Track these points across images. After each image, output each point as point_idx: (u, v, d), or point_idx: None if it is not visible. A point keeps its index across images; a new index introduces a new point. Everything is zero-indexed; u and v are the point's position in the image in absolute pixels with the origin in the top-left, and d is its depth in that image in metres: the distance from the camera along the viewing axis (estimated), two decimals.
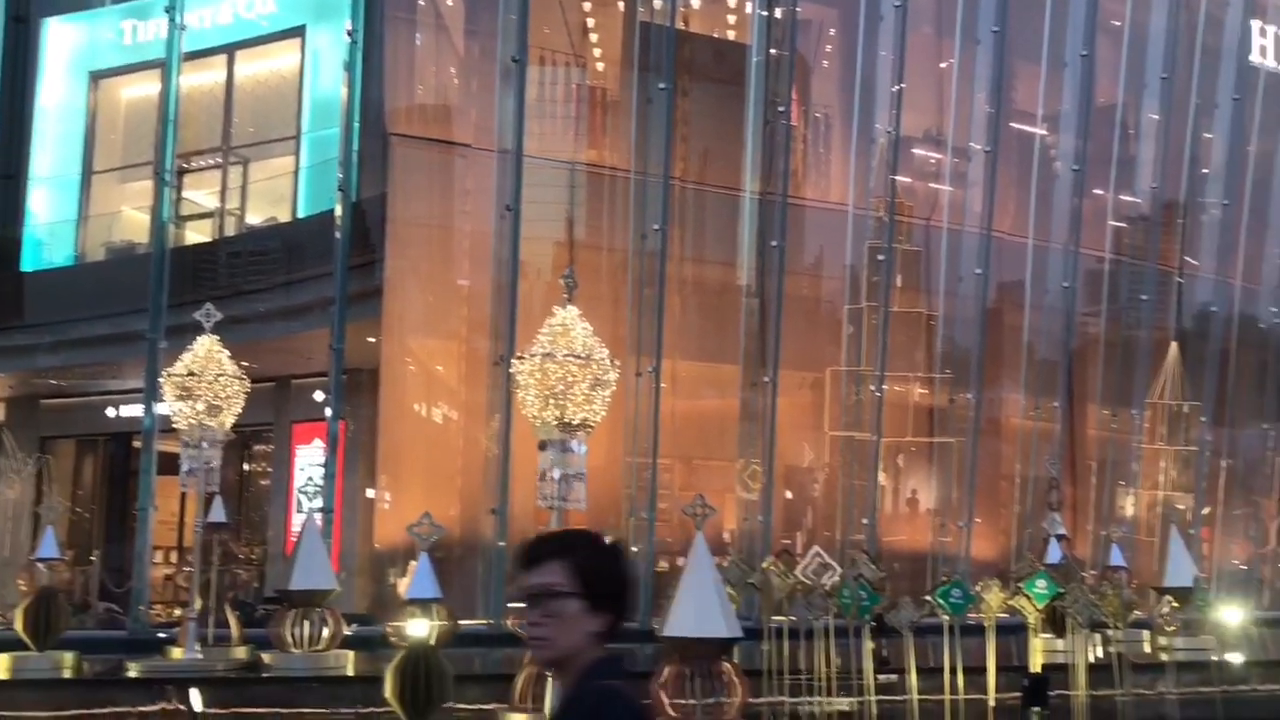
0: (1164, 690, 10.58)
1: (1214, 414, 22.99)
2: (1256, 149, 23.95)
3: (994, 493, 21.30)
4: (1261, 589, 23.90)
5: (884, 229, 19.05)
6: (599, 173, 18.59)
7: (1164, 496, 22.32)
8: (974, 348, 19.79)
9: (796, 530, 19.87)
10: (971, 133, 20.15)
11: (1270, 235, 24.29)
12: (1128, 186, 22.54)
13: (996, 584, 10.58)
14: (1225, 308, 23.43)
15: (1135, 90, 22.22)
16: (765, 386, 17.71)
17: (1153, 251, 22.23)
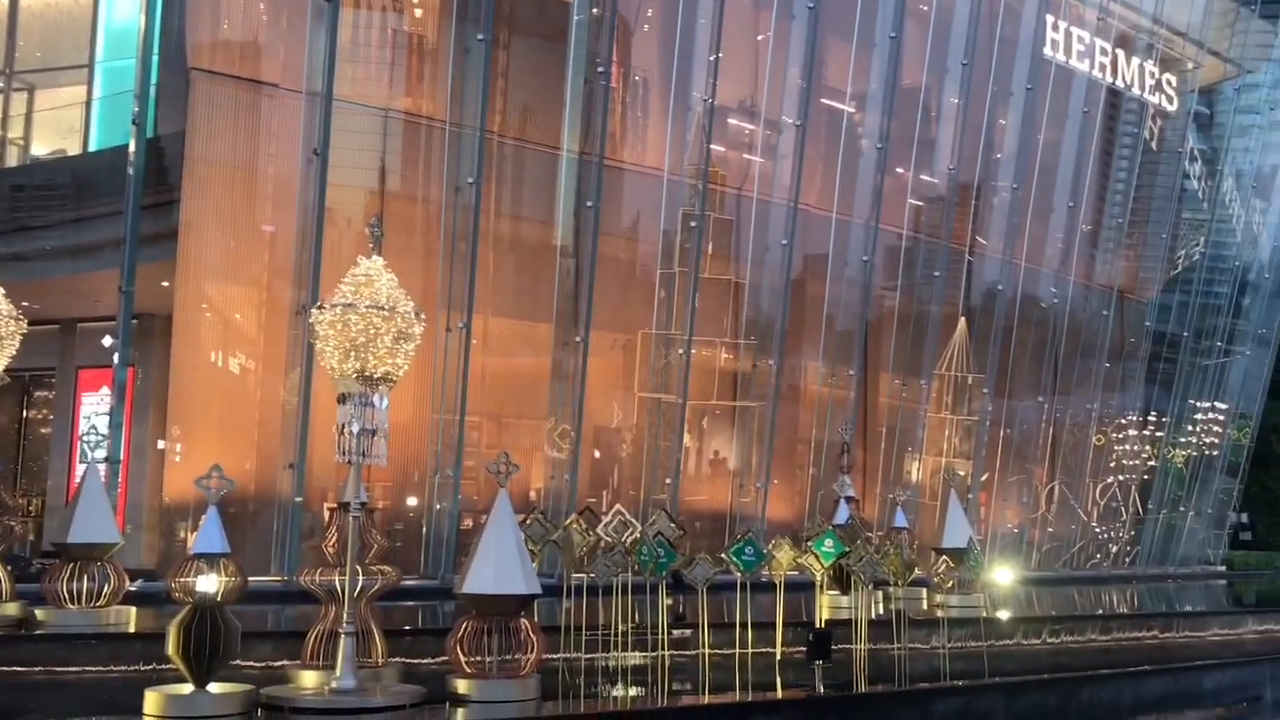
0: (938, 644, 11.22)
1: (995, 386, 24.48)
2: (1045, 137, 25.45)
3: (791, 456, 22.09)
4: (1031, 551, 25.71)
5: (698, 196, 19.34)
6: (414, 121, 18.14)
7: (947, 463, 23.65)
8: (777, 316, 20.38)
9: (603, 489, 20.11)
10: (784, 106, 20.63)
11: (1054, 220, 25.92)
12: (927, 167, 23.57)
13: (787, 542, 10.99)
14: (1010, 287, 24.86)
15: (938, 74, 23.20)
16: (577, 346, 17.77)
17: (947, 230, 23.34)
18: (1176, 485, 29.74)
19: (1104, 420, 27.91)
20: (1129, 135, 27.91)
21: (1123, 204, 27.93)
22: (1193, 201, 31.13)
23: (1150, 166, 28.79)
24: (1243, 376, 31.48)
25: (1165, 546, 29.23)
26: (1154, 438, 29.36)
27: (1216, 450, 30.85)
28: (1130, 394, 28.73)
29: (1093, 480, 27.52)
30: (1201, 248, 30.42)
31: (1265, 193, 32.26)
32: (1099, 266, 27.54)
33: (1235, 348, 30.77)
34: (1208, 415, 30.52)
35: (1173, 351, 29.18)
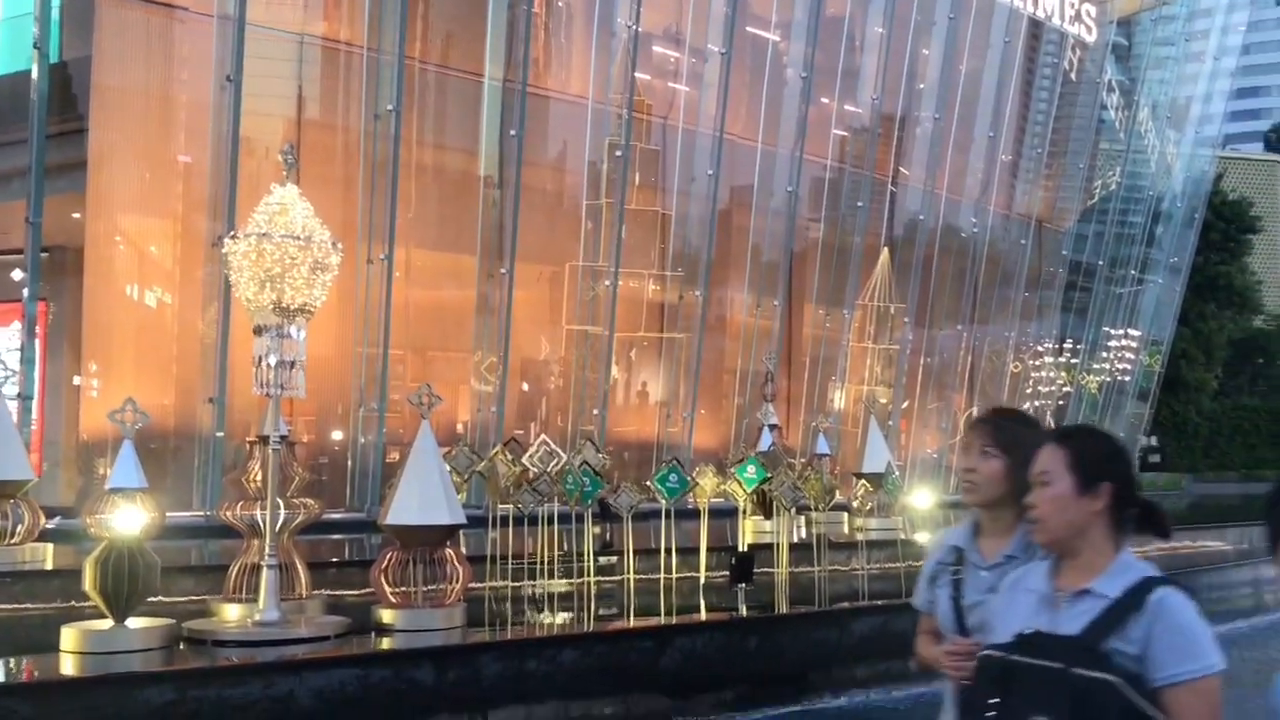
0: (857, 566, 11.52)
1: (916, 316, 24.86)
2: (966, 67, 25.61)
3: (718, 386, 22.31)
4: (950, 475, 26.35)
5: (623, 125, 19.20)
6: (332, 47, 17.68)
7: (869, 391, 24.06)
8: (704, 247, 20.43)
9: (531, 421, 20.15)
10: (709, 34, 20.47)
11: (974, 150, 26.20)
12: (851, 97, 23.63)
13: (711, 469, 11.16)
14: (931, 217, 25.16)
15: (862, 3, 23.17)
16: (502, 278, 17.66)
17: (870, 161, 23.50)
18: (1090, 410, 30.63)
19: (1021, 348, 28.58)
20: (1049, 66, 28.22)
21: (1042, 134, 28.34)
22: (1110, 132, 31.67)
23: (1069, 97, 29.18)
24: (1155, 304, 32.39)
25: None
26: (1069, 364, 30.15)
27: (1129, 376, 31.81)
28: (1047, 322, 29.41)
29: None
30: (1118, 178, 31.02)
31: (1179, 124, 32.95)
32: (1018, 196, 27.97)
33: (1148, 276, 31.61)
34: (1121, 342, 31.40)
35: (1088, 280, 29.88)
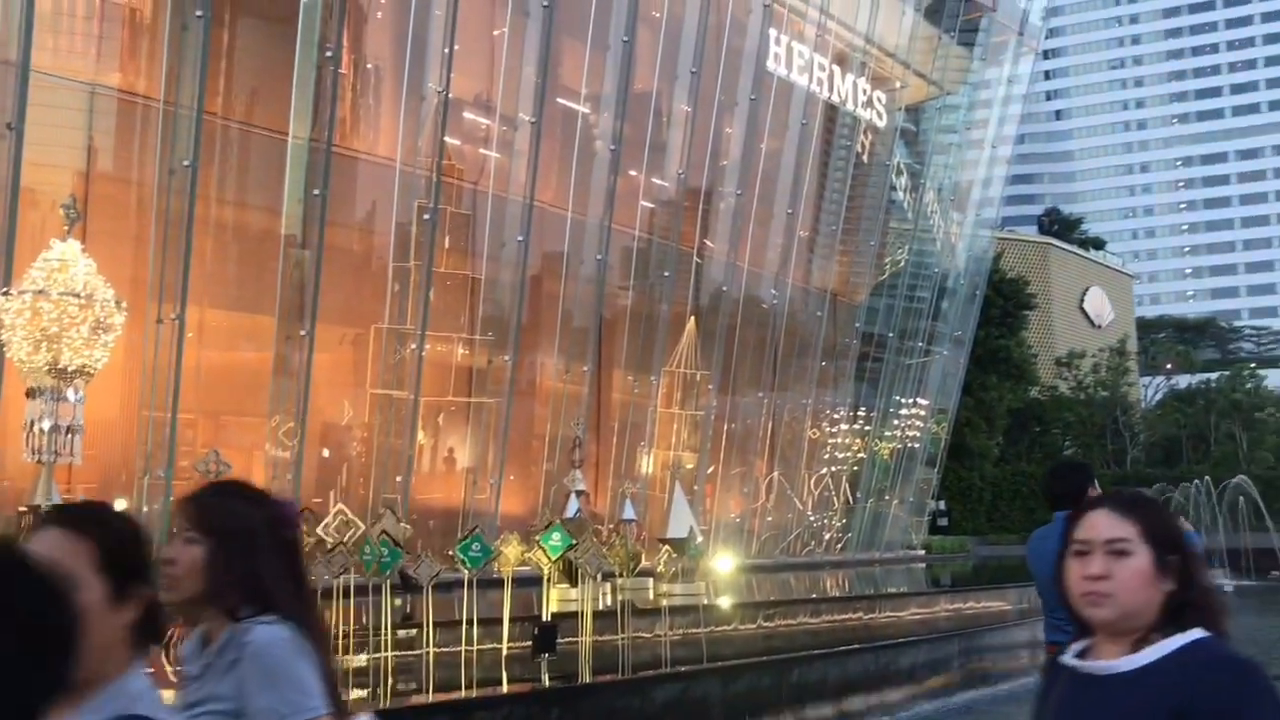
0: (660, 633, 11.57)
1: (720, 383, 25.49)
2: (767, 146, 26.73)
3: (526, 451, 22.22)
4: (752, 539, 26.94)
5: (433, 188, 19.11)
6: (126, 99, 17.00)
7: (675, 456, 24.47)
8: (514, 312, 20.44)
9: (330, 489, 19.50)
10: (519, 102, 20.70)
11: (774, 225, 27.27)
12: (659, 170, 24.28)
13: (515, 537, 11.05)
14: (734, 288, 25.96)
15: (669, 80, 23.93)
16: (302, 340, 17.16)
17: (676, 232, 24.13)
18: (882, 476, 31.95)
19: (818, 415, 29.65)
20: (843, 148, 29.75)
21: (836, 212, 29.75)
22: (899, 212, 33.53)
23: (862, 178, 30.80)
24: (941, 375, 34.21)
25: (873, 533, 31.36)
26: (863, 431, 31.42)
27: (917, 443, 33.38)
28: (842, 390, 30.63)
29: (808, 471, 29.16)
30: (906, 255, 32.80)
31: (962, 206, 35.21)
32: (815, 270, 29.20)
33: (934, 348, 33.39)
34: (910, 410, 32.97)
35: (880, 351, 31.33)
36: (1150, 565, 2.28)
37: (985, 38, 32.77)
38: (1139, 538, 2.30)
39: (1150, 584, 2.28)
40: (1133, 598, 2.28)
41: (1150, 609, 2.28)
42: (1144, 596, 2.28)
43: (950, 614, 16.85)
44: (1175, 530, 2.38)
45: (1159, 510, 2.41)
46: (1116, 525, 2.32)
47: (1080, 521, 2.39)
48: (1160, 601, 2.28)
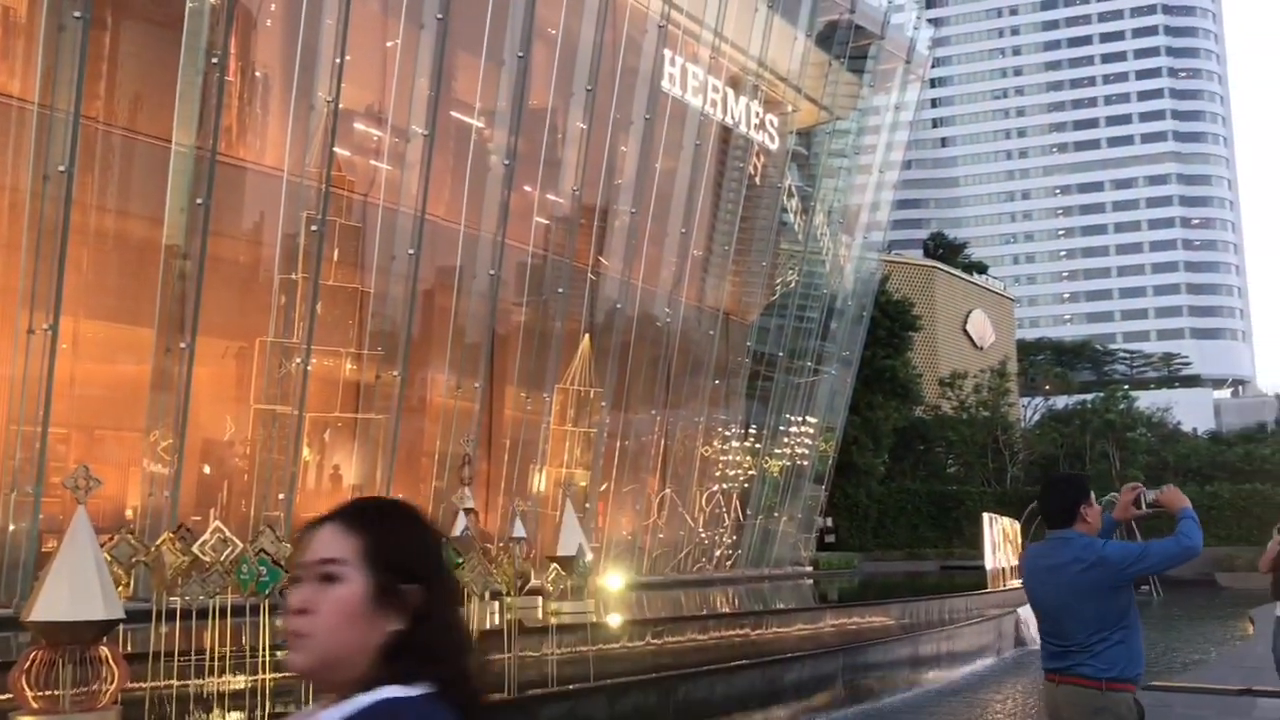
0: (547, 651, 11.49)
1: (614, 400, 25.52)
2: (661, 166, 26.94)
3: (415, 469, 21.91)
4: (644, 556, 26.98)
5: (321, 199, 18.77)
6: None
7: (567, 473, 24.39)
8: (404, 327, 20.17)
9: (210, 506, 18.95)
10: (411, 115, 20.49)
11: (668, 243, 27.47)
12: (553, 187, 24.27)
13: None
14: (629, 305, 26.04)
15: (564, 97, 23.97)
16: (183, 353, 16.65)
17: (571, 249, 24.12)
18: (772, 493, 32.34)
19: (710, 432, 29.89)
20: (736, 169, 30.16)
21: (729, 233, 30.12)
22: (790, 233, 34.10)
23: (754, 200, 31.25)
24: (829, 394, 34.81)
25: (762, 549, 31.68)
26: (753, 449, 31.78)
27: (806, 461, 33.88)
28: (733, 408, 30.95)
29: (699, 488, 29.36)
30: (796, 276, 33.36)
31: (850, 229, 35.95)
32: (708, 290, 29.49)
33: (823, 368, 33.98)
34: (799, 429, 33.47)
35: (770, 370, 31.78)
36: (362, 596, 1.70)
37: (874, 65, 33.58)
38: (357, 558, 1.72)
39: (358, 621, 1.69)
40: (332, 639, 1.69)
41: (361, 656, 1.69)
42: (347, 638, 1.69)
43: (835, 629, 17.10)
44: (419, 551, 1.77)
45: (401, 523, 1.80)
46: (333, 542, 1.74)
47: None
48: (378, 646, 1.70)
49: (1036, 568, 4.50)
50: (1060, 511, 4.44)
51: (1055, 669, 4.22)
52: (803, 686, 13.56)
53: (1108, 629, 4.12)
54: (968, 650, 18.81)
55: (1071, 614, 4.17)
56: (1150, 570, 4.36)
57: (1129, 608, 4.23)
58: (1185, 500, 4.40)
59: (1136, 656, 4.22)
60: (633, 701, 10.91)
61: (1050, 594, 4.29)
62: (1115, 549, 4.26)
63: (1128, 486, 4.63)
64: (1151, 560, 4.30)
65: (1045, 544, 4.55)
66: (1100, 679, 4.06)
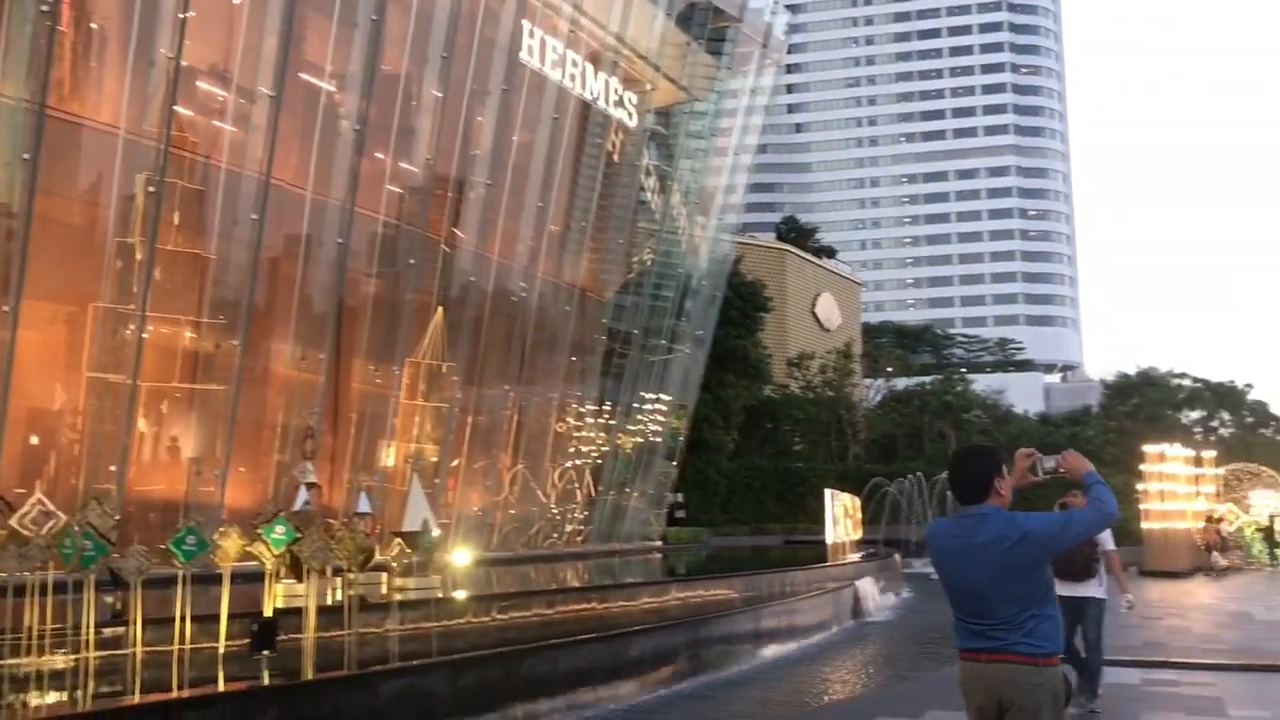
0: (389, 627, 11.33)
1: (466, 375, 25.25)
2: (519, 139, 26.68)
3: (257, 441, 21.25)
4: (494, 532, 26.84)
5: (160, 160, 17.98)
6: None
7: (417, 448, 24.05)
8: (246, 295, 19.52)
9: (35, 478, 18.02)
10: (259, 75, 19.76)
11: (524, 218, 27.26)
12: (406, 155, 23.75)
13: (235, 530, 10.53)
14: (483, 279, 25.77)
15: (419, 64, 23.46)
16: (5, 317, 15.79)
17: (424, 220, 23.69)
18: (624, 469, 32.58)
19: (564, 409, 29.89)
20: (594, 145, 30.10)
21: (586, 209, 30.08)
22: (647, 212, 34.26)
23: (612, 177, 31.27)
24: (683, 372, 35.21)
25: (613, 525, 31.91)
26: (607, 425, 31.92)
27: (659, 438, 34.24)
28: (588, 385, 31.02)
29: (552, 464, 29.36)
30: (653, 255, 33.58)
31: (706, 210, 36.35)
32: (565, 266, 29.41)
33: (677, 346, 34.33)
34: (653, 406, 33.78)
35: (625, 347, 31.94)
36: None
37: (732, 48, 33.94)
38: None
39: None
40: None
41: None
42: None
43: (681, 603, 17.36)
44: None
45: None
46: None
47: None
48: None
49: (956, 547, 4.21)
50: (973, 486, 4.22)
51: (981, 648, 4.08)
52: (647, 659, 13.73)
53: (1036, 605, 4.05)
54: (808, 621, 19.36)
55: (1000, 593, 4.04)
56: (1074, 541, 4.12)
57: (1051, 582, 4.17)
58: (1089, 465, 4.25)
59: (1061, 631, 4.19)
60: (475, 677, 10.86)
61: (976, 574, 4.05)
62: (1038, 523, 4.10)
63: (1023, 452, 4.35)
64: (1075, 531, 4.12)
65: (959, 520, 4.29)
66: (1036, 655, 4.01)
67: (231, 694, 8.72)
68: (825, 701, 13.46)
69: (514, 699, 11.01)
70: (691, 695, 13.55)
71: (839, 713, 11.37)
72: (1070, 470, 4.23)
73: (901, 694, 11.87)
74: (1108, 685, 10.78)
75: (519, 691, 11.13)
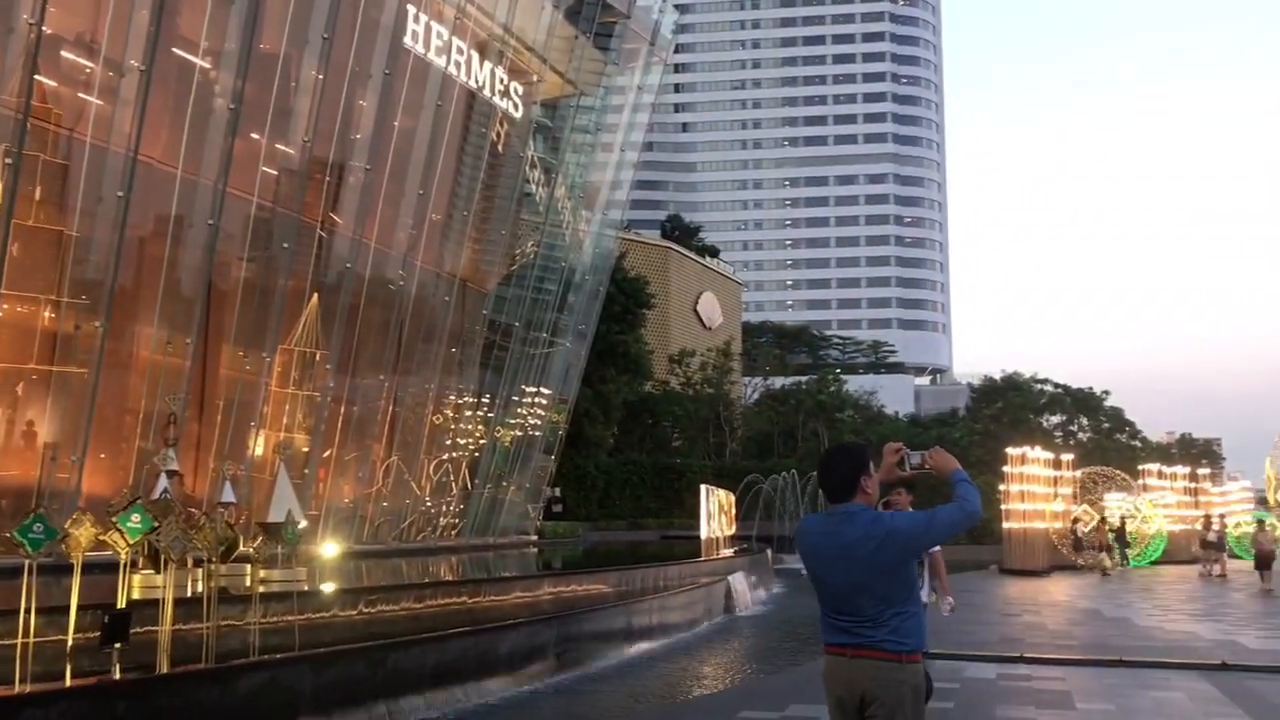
0: (251, 620, 10.98)
1: (340, 363, 24.72)
2: (401, 124, 26.21)
3: (118, 427, 20.47)
4: (365, 524, 26.35)
5: (18, 131, 17.15)
6: None
7: (286, 438, 23.45)
8: (109, 275, 18.76)
9: None
10: (128, 47, 18.99)
11: (405, 205, 26.81)
12: (283, 136, 23.10)
13: (89, 519, 10.07)
14: (361, 266, 25.24)
15: (298, 44, 22.82)
16: None
17: (300, 204, 23.09)
18: (502, 462, 32.36)
19: (441, 400, 29.52)
20: (479, 135, 29.78)
21: (468, 198, 29.75)
22: (531, 205, 34.07)
23: (496, 167, 31.00)
24: (564, 366, 35.15)
25: (489, 518, 31.66)
26: (485, 418, 31.66)
27: (538, 431, 34.11)
28: (467, 376, 30.70)
29: (427, 457, 28.97)
30: (536, 247, 33.40)
31: (591, 204, 36.33)
32: (445, 255, 29.03)
33: (558, 340, 34.24)
34: (533, 399, 33.63)
35: (506, 340, 31.71)
36: None
37: (619, 43, 33.99)
38: None
39: None
40: None
41: None
42: None
43: (553, 597, 17.30)
44: None
45: None
46: None
47: None
48: None
49: (824, 545, 4.20)
50: (840, 484, 4.20)
51: (846, 644, 4.10)
52: (518, 655, 13.63)
53: (899, 603, 4.07)
54: (680, 616, 19.50)
55: (865, 590, 4.06)
56: (938, 540, 4.18)
57: (915, 579, 4.19)
58: (955, 462, 4.27)
59: (925, 628, 4.21)
60: (339, 671, 10.63)
61: (845, 573, 4.04)
62: (903, 521, 4.15)
63: (890, 447, 4.35)
64: (939, 529, 4.13)
65: (827, 518, 4.26)
66: (900, 652, 4.03)
67: (77, 689, 8.35)
68: (692, 696, 13.57)
69: (379, 695, 10.82)
70: (561, 690, 13.52)
71: (704, 707, 11.47)
72: (937, 467, 4.25)
73: (766, 688, 12.04)
74: (964, 680, 11.12)
75: (385, 687, 10.94)
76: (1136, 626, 16.62)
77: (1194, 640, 14.70)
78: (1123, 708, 9.63)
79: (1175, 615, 18.51)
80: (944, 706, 9.33)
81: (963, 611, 18.88)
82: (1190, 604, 21.14)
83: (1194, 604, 21.14)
